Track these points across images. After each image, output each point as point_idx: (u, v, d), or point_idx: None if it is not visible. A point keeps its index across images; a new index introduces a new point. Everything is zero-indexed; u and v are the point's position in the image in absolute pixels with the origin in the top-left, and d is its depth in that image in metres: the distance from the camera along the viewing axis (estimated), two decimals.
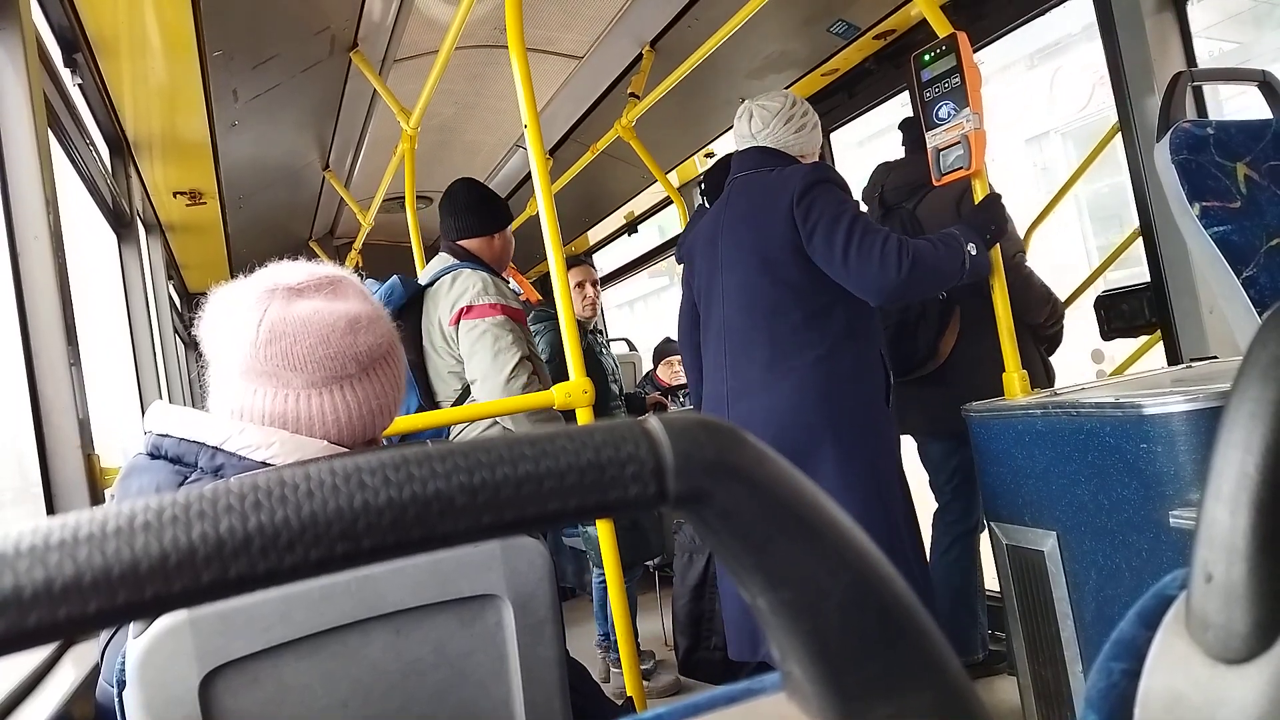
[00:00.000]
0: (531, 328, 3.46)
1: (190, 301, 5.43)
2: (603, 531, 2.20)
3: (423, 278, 2.72)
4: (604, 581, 3.55)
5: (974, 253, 2.08)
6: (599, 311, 4.73)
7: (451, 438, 2.56)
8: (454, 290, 2.57)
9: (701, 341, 2.45)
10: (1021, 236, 2.93)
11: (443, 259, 2.74)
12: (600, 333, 3.97)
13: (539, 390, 2.41)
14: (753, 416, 2.19)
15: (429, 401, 2.62)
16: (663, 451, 0.27)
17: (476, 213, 2.76)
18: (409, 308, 2.65)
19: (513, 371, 2.44)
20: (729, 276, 2.30)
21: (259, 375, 1.02)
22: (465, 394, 2.58)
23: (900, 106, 3.57)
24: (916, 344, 2.78)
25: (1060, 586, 1.75)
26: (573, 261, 3.57)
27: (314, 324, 1.02)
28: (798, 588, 0.28)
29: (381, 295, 2.62)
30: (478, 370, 2.48)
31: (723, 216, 2.35)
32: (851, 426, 2.14)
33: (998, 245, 2.17)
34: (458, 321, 2.53)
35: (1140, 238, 2.61)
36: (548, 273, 2.20)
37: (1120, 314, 2.58)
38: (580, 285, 3.74)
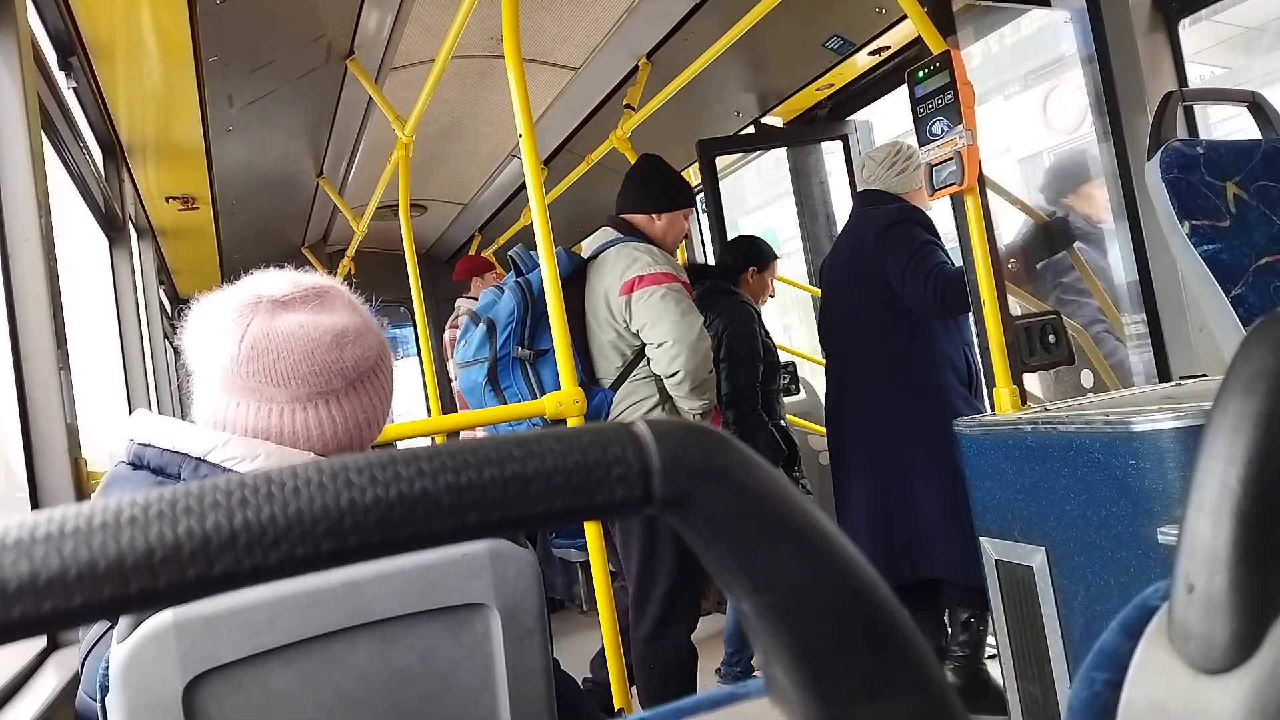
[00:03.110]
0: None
1: (180, 307, 5.42)
2: (591, 536, 2.20)
3: (586, 251, 2.74)
4: None
5: None
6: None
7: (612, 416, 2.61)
8: (621, 262, 2.58)
9: (826, 353, 3.00)
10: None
11: (605, 233, 2.73)
12: None
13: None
14: (865, 421, 2.72)
15: (590, 377, 2.63)
16: (649, 455, 0.27)
17: (643, 189, 2.76)
18: (571, 282, 2.64)
19: (701, 334, 2.51)
20: (843, 298, 2.81)
21: (241, 390, 1.00)
22: (629, 370, 2.59)
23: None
24: None
25: (1049, 602, 1.75)
26: (771, 257, 3.51)
27: (298, 339, 1.00)
28: (782, 592, 0.28)
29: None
30: (667, 333, 2.48)
31: (839, 246, 2.91)
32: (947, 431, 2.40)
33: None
34: (629, 291, 2.53)
35: None
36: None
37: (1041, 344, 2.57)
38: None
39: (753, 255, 3.45)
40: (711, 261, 4.22)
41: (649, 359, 2.54)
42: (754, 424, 3.08)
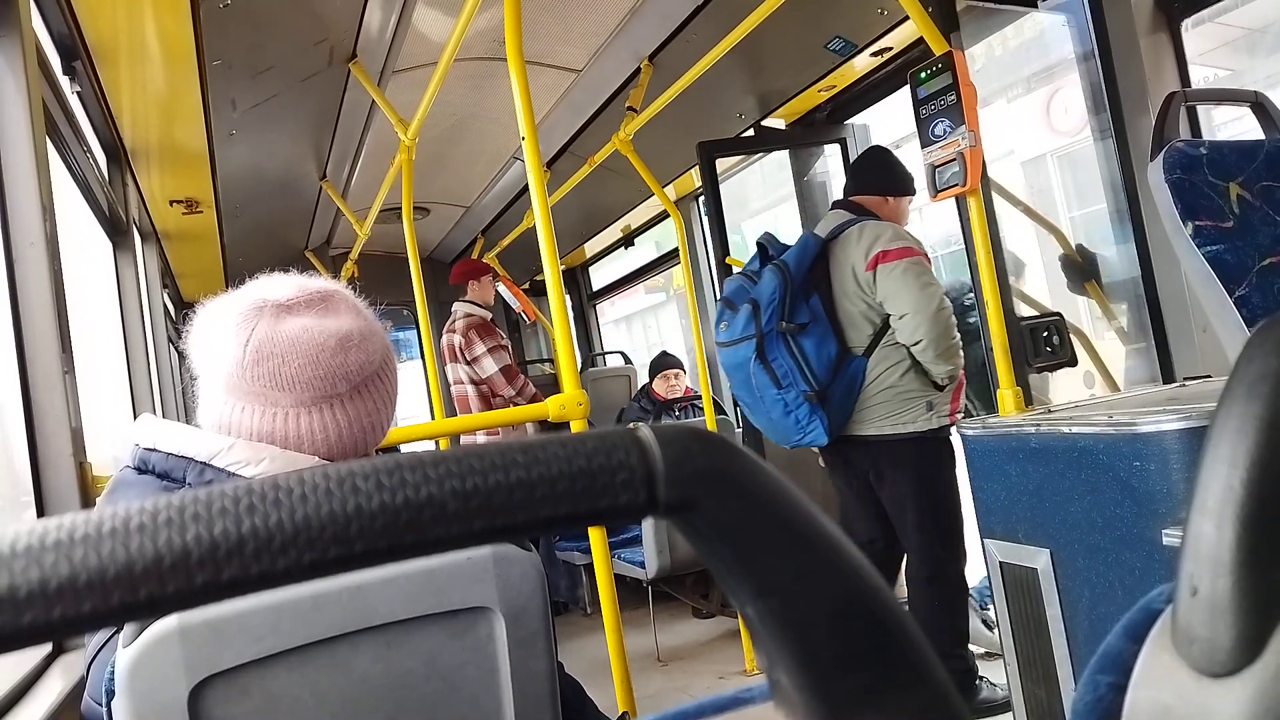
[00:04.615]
0: None
1: (185, 311, 5.42)
2: (595, 540, 2.19)
3: (821, 231, 2.90)
4: None
5: None
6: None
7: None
8: (864, 239, 2.75)
9: None
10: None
11: (838, 214, 2.91)
12: None
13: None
14: None
15: (842, 346, 2.79)
16: (653, 460, 0.27)
17: (877, 174, 2.96)
18: (815, 260, 2.83)
19: (941, 304, 2.65)
20: None
21: (245, 394, 1.00)
22: (878, 338, 2.74)
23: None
24: None
25: (1053, 604, 1.75)
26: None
27: (303, 343, 1.00)
28: (786, 596, 0.28)
29: (795, 251, 2.80)
30: (907, 304, 2.65)
31: None
32: None
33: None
34: (874, 266, 2.71)
35: None
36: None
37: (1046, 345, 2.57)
38: None
39: None
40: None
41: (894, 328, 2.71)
42: None
